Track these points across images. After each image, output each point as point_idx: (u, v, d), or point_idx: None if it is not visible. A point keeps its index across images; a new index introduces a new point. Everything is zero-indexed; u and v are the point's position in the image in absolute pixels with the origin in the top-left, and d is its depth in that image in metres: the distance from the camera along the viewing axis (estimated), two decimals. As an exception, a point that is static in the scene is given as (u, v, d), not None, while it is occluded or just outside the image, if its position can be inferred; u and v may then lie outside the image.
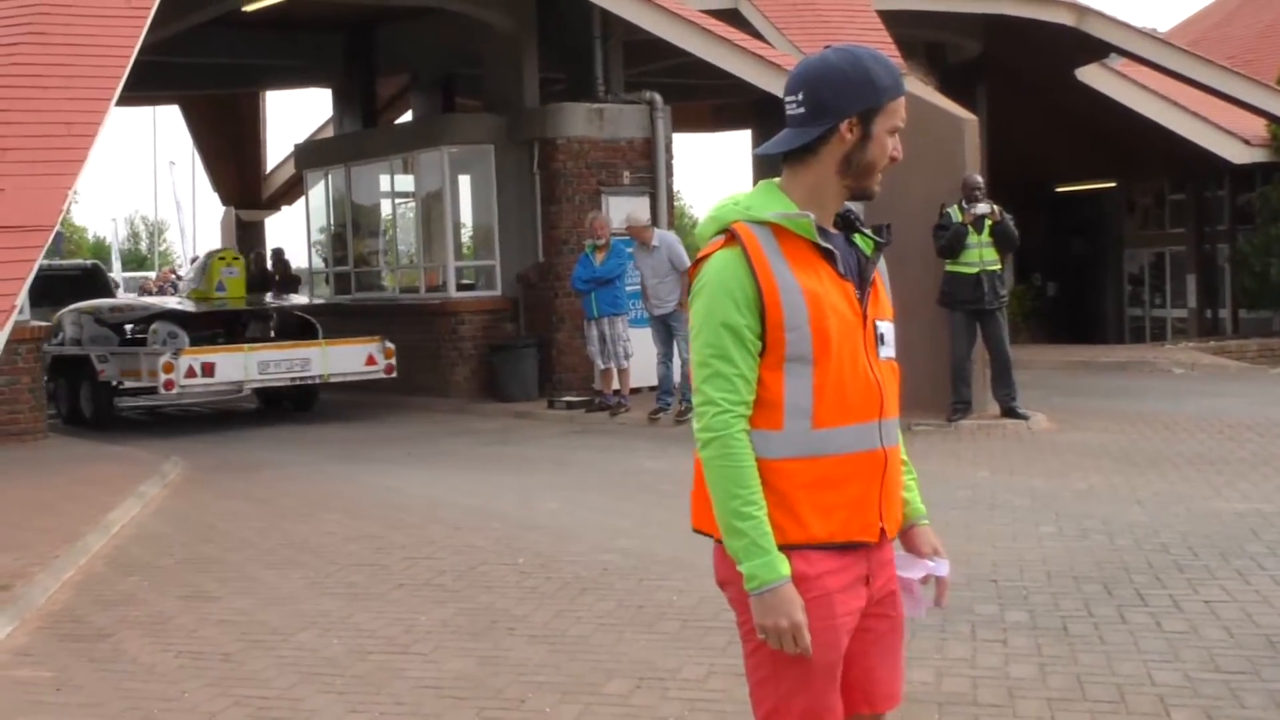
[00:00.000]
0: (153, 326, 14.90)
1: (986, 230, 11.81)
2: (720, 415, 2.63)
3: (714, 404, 2.63)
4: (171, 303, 17.59)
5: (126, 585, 7.25)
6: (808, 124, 2.69)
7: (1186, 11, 27.62)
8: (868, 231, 2.82)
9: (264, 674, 5.49)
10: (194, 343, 14.47)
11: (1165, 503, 8.35)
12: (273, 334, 16.29)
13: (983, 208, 11.81)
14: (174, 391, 14.29)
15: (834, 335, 2.66)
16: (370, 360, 15.11)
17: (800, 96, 2.69)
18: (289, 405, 16.49)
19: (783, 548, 2.64)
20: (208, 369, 14.02)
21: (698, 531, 2.82)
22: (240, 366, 14.33)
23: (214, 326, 15.71)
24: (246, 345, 14.98)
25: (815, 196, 2.73)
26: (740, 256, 2.64)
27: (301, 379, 14.84)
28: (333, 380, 15.06)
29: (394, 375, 15.18)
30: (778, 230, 2.68)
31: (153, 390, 14.82)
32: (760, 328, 2.63)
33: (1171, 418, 12.31)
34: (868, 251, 2.81)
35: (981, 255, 11.85)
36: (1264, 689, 4.81)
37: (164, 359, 13.71)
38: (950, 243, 11.84)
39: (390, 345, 15.17)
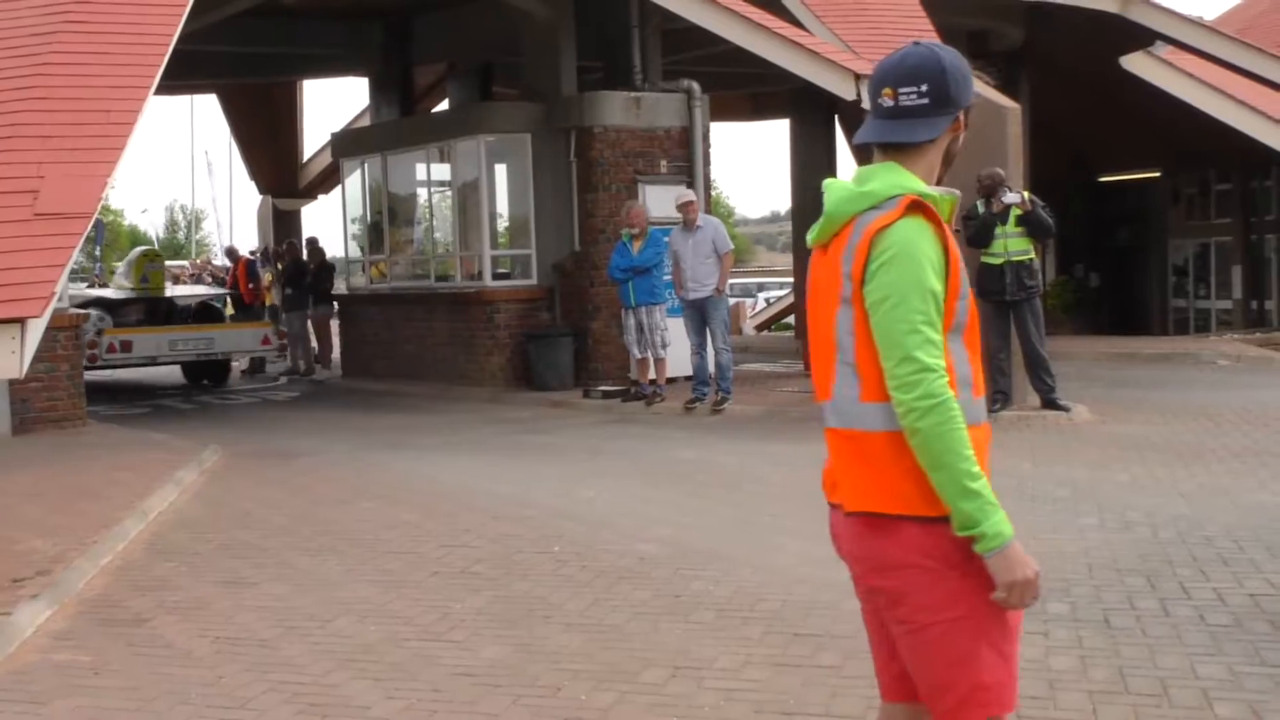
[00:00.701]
0: (86, 310, 16.62)
1: (1012, 220, 11.67)
2: (939, 380, 2.64)
3: (931, 370, 2.64)
4: (108, 292, 20.17)
5: (164, 571, 7.27)
6: (931, 114, 2.79)
7: (1233, -1, 27.29)
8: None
9: (300, 660, 5.49)
10: (117, 325, 17.80)
11: (1209, 495, 8.24)
12: (190, 318, 19.59)
13: (1012, 196, 11.65)
14: (98, 363, 16.96)
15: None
16: (265, 340, 18.93)
17: (924, 88, 2.78)
18: (208, 381, 19.69)
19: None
20: (126, 345, 17.30)
21: (872, 514, 2.75)
22: (154, 344, 17.77)
23: (137, 312, 18.94)
24: (161, 327, 18.39)
25: (927, 181, 2.84)
26: (926, 225, 2.71)
27: (206, 355, 18.47)
28: (234, 356, 19.38)
29: (283, 352, 19.95)
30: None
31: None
32: (944, 296, 2.71)
33: (1216, 410, 12.16)
34: None
35: (1007, 246, 11.70)
36: (1312, 684, 4.73)
37: (89, 337, 15.88)
38: (977, 232, 11.72)
39: (284, 329, 19.49)
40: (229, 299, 22.04)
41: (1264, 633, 5.35)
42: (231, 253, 23.69)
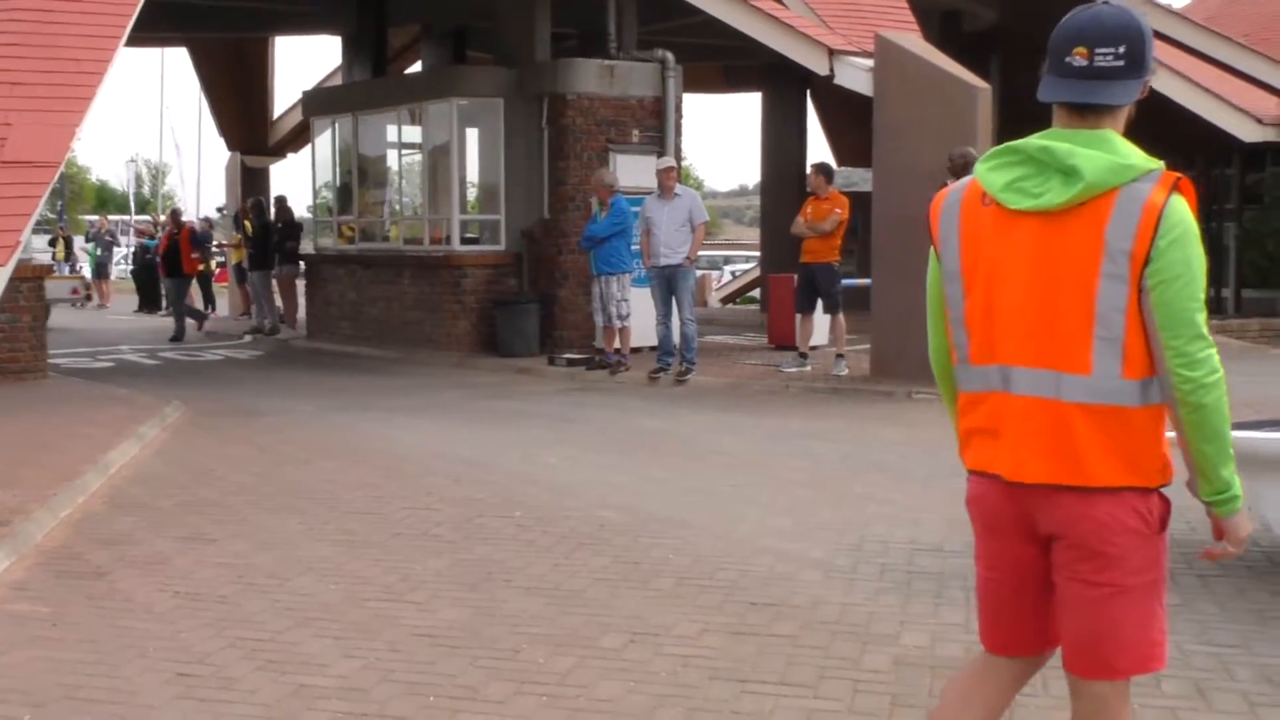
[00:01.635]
0: None
1: None
2: (1218, 356, 2.73)
3: (1213, 345, 2.72)
4: None
5: (124, 525, 7.27)
6: (1127, 76, 2.76)
7: (1204, -13, 27.44)
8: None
9: (259, 617, 5.51)
10: None
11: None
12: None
13: None
14: None
15: None
16: (75, 291, 23.67)
17: (1121, 49, 2.74)
18: None
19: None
20: None
21: (1106, 489, 2.77)
22: None
23: None
24: None
25: None
26: (1187, 201, 2.75)
27: None
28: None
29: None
30: None
31: None
32: None
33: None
34: None
35: None
36: (1253, 663, 4.82)
37: None
38: None
39: (89, 280, 23.26)
40: (158, 261, 22.02)
41: (1212, 612, 5.45)
42: (175, 215, 22.72)
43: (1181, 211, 2.70)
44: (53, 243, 31.73)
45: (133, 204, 57.84)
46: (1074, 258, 2.73)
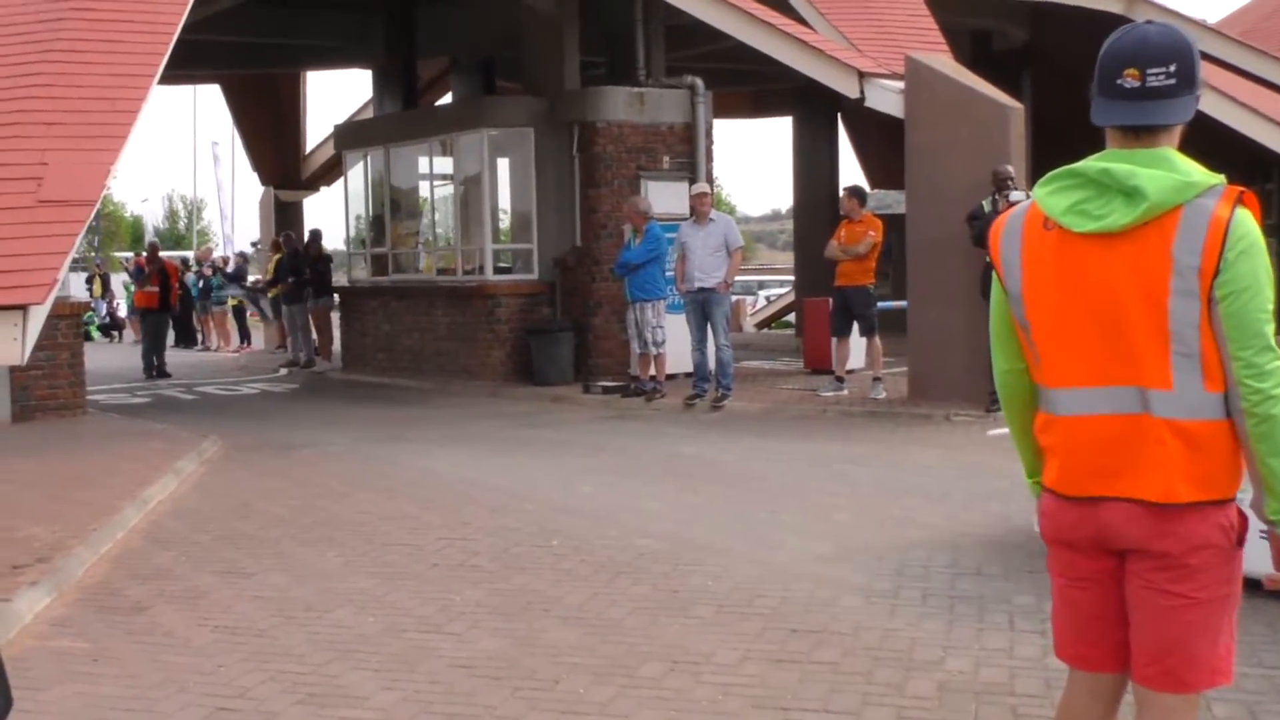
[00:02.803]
0: None
1: None
2: None
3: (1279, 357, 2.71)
4: None
5: (163, 560, 7.28)
6: (1181, 94, 2.76)
7: (1240, 1, 27.26)
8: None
9: (299, 649, 5.50)
10: None
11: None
12: None
13: (1017, 195, 11.67)
14: None
15: None
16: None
17: (1172, 68, 2.75)
18: None
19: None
20: None
21: (1189, 504, 2.77)
22: None
23: None
24: None
25: None
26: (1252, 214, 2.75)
27: None
28: None
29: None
30: None
31: None
32: None
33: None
34: None
35: None
36: (1308, 686, 4.74)
37: None
38: (981, 232, 11.72)
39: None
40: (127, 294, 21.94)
41: (1261, 633, 5.36)
42: (154, 249, 22.31)
43: (1248, 224, 2.70)
44: (90, 280, 31.96)
45: (148, 237, 58.21)
46: (1143, 276, 2.73)
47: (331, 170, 24.03)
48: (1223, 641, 2.86)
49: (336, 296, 20.43)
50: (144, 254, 21.47)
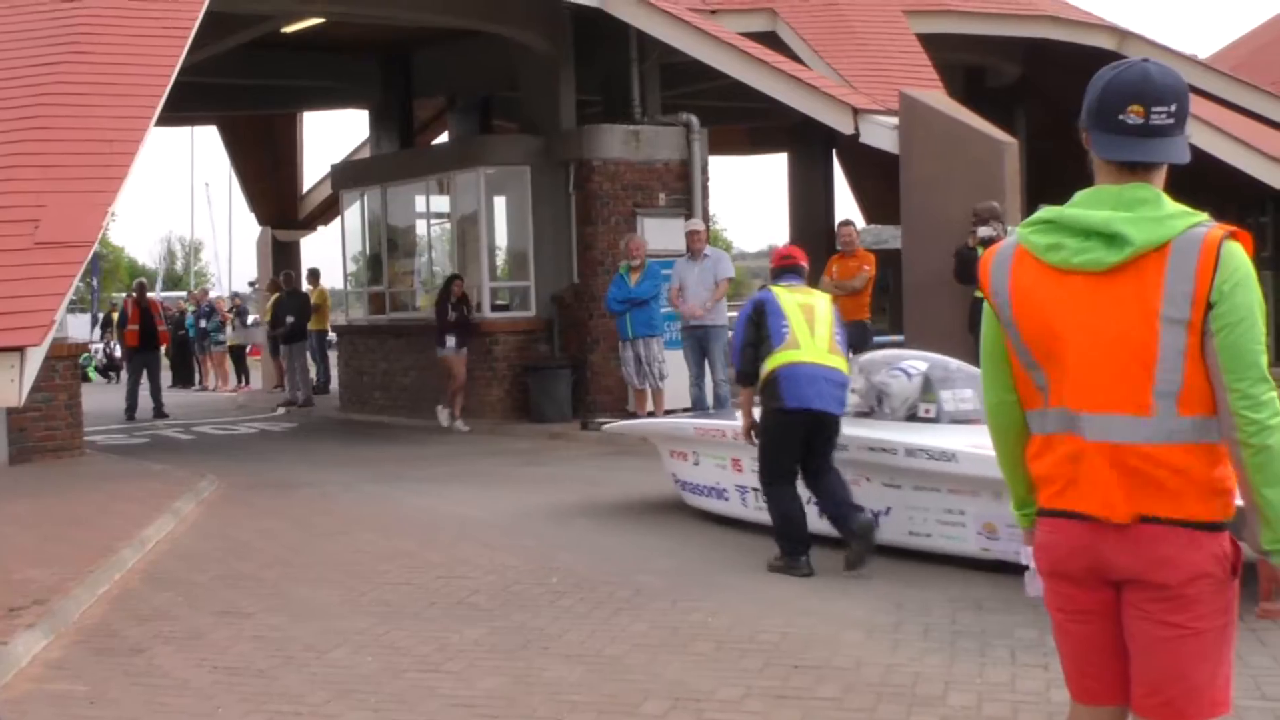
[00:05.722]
0: None
1: None
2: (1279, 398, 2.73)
3: (1274, 387, 2.72)
4: None
5: (161, 600, 7.25)
6: (1177, 134, 2.80)
7: (1229, 36, 27.44)
8: None
9: (297, 690, 5.47)
10: None
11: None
12: None
13: (985, 230, 11.71)
14: None
15: None
16: None
17: (1173, 107, 2.79)
18: None
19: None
20: None
21: (1187, 523, 2.78)
22: None
23: None
24: None
25: None
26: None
27: None
28: None
29: None
30: None
31: None
32: None
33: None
34: None
35: None
36: (1313, 718, 4.72)
37: None
38: (959, 268, 11.78)
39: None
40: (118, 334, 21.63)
41: (1265, 666, 5.34)
42: (141, 288, 21.93)
43: (1240, 255, 2.74)
44: (105, 323, 31.72)
45: (160, 281, 58.52)
46: (1132, 304, 2.76)
47: (329, 210, 24.08)
48: (1221, 672, 2.87)
49: (333, 336, 20.44)
50: (132, 294, 21.33)
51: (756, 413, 7.72)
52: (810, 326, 7.51)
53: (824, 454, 7.52)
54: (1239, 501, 2.82)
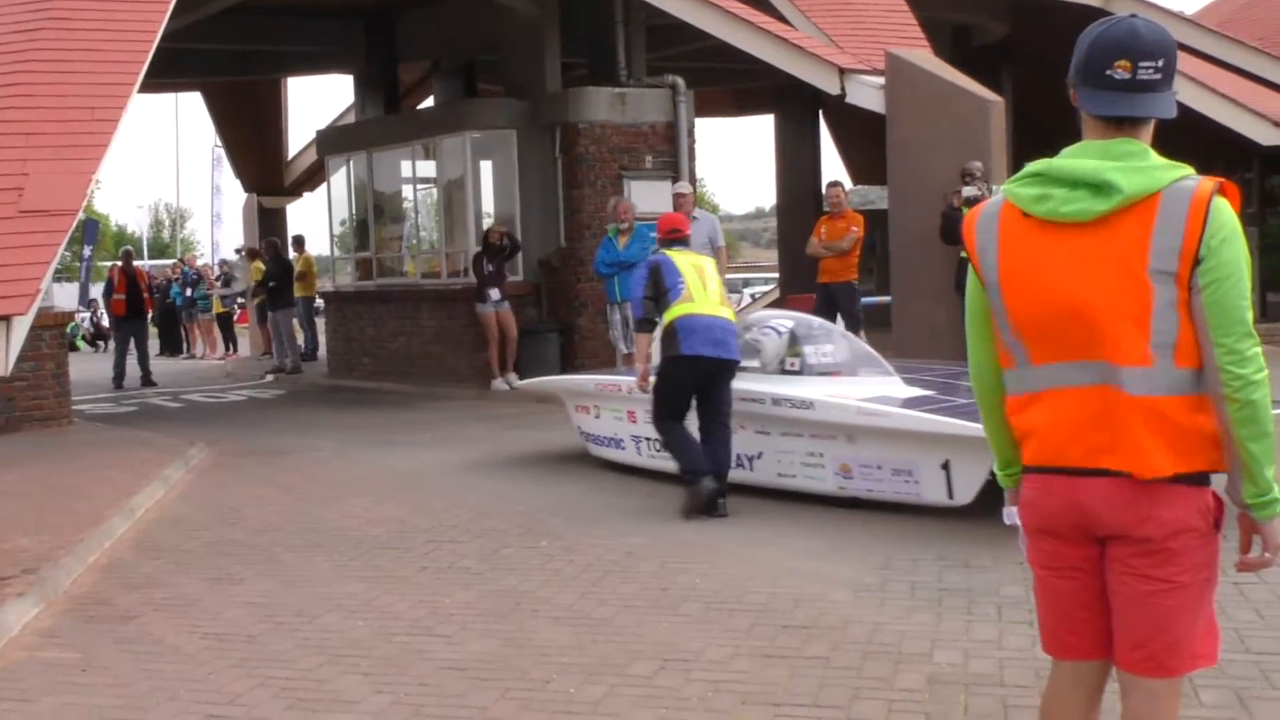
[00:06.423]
0: None
1: None
2: (1263, 353, 2.75)
3: (1259, 343, 2.75)
4: None
5: (151, 568, 7.27)
6: (1164, 89, 2.81)
7: (1214, -7, 27.39)
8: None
9: (289, 655, 5.49)
10: None
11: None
12: None
13: (969, 190, 11.71)
14: None
15: None
16: None
17: (1160, 63, 2.79)
18: None
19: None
20: None
21: (1167, 480, 2.79)
22: None
23: None
24: None
25: None
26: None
27: None
28: None
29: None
30: None
31: None
32: None
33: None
34: None
35: None
36: (1295, 671, 4.76)
37: None
38: (944, 227, 11.78)
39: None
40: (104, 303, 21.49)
41: (1248, 619, 5.39)
42: (127, 256, 21.60)
43: (1228, 211, 2.75)
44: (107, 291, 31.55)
45: (145, 248, 58.30)
46: (1122, 257, 2.76)
47: (314, 176, 23.98)
48: (1201, 625, 2.90)
49: (320, 302, 20.41)
50: (118, 263, 21.22)
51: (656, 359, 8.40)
52: (703, 282, 8.28)
53: (721, 401, 8.15)
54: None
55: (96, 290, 32.46)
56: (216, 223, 42.05)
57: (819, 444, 8.06)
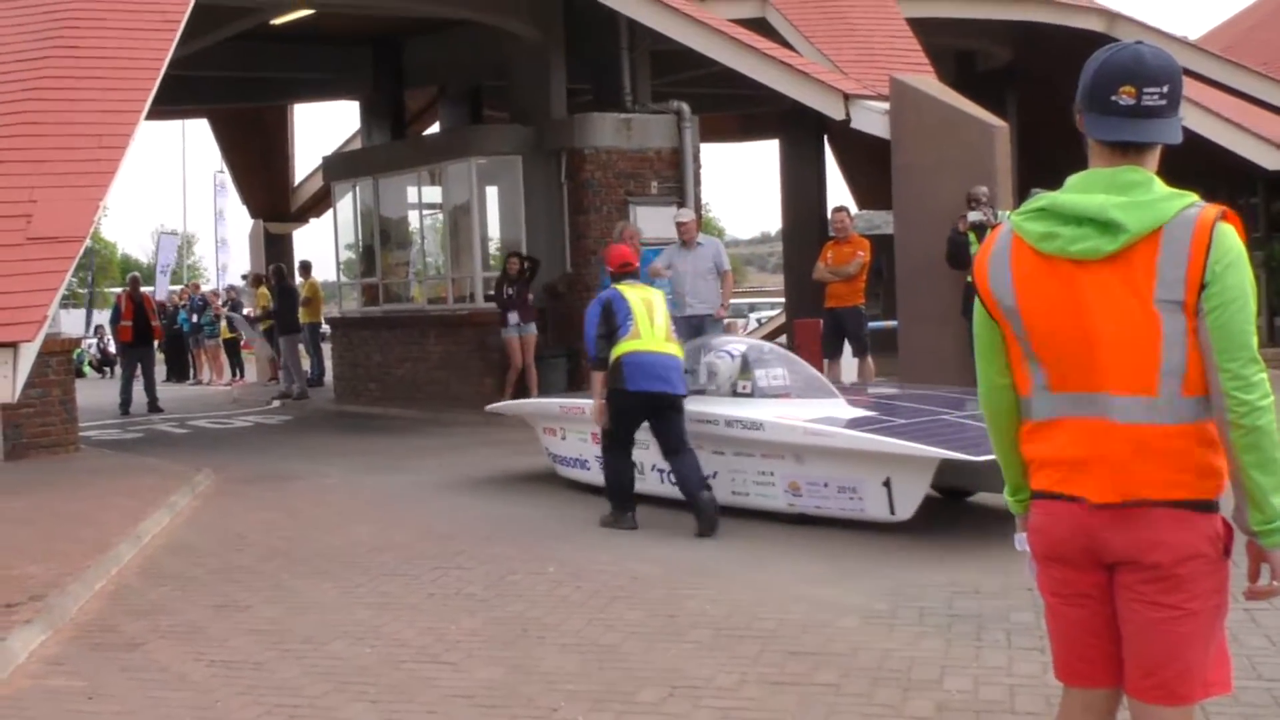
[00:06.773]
0: None
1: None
2: (1268, 378, 2.74)
3: (1264, 369, 2.74)
4: None
5: (158, 595, 7.25)
6: (1169, 115, 2.81)
7: (1219, 17, 27.40)
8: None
9: (296, 682, 5.47)
10: None
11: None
12: None
13: (974, 215, 11.73)
14: None
15: None
16: None
17: (1165, 89, 2.79)
18: None
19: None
20: None
21: (1179, 503, 2.79)
22: None
23: None
24: None
25: None
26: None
27: None
28: None
29: None
30: None
31: None
32: None
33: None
34: None
35: None
36: (1307, 697, 4.73)
37: None
38: (950, 252, 11.79)
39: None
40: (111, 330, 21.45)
41: (1260, 646, 5.36)
42: (135, 282, 21.36)
43: (1232, 237, 2.75)
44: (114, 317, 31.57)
45: (159, 275, 58.32)
46: (1133, 288, 2.77)
47: (321, 202, 24.07)
48: (1213, 652, 2.88)
49: (326, 328, 20.42)
50: (126, 289, 21.25)
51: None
52: (651, 318, 8.62)
53: (673, 431, 8.50)
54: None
55: (103, 317, 32.49)
56: (221, 248, 42.14)
57: (769, 463, 8.41)
